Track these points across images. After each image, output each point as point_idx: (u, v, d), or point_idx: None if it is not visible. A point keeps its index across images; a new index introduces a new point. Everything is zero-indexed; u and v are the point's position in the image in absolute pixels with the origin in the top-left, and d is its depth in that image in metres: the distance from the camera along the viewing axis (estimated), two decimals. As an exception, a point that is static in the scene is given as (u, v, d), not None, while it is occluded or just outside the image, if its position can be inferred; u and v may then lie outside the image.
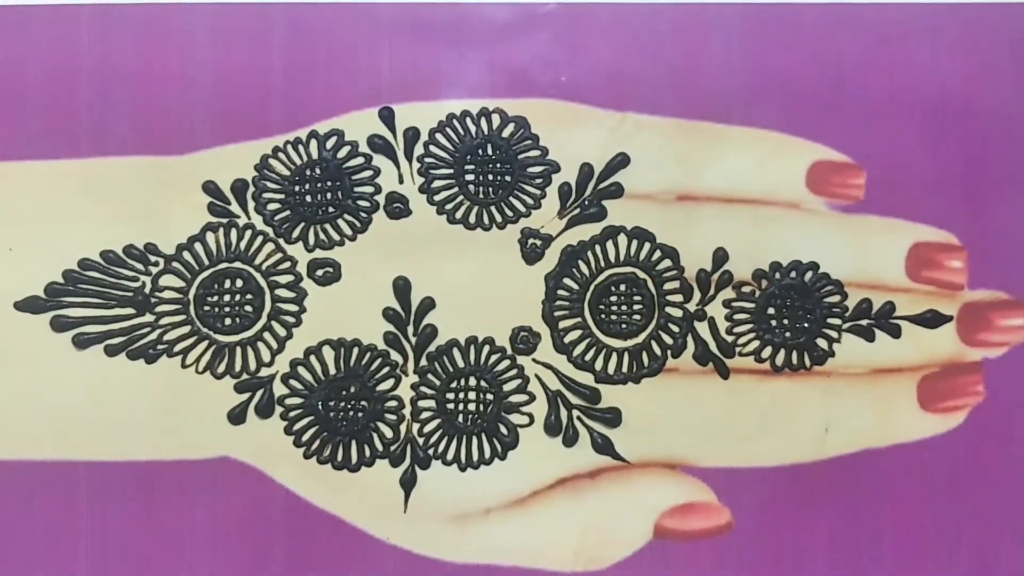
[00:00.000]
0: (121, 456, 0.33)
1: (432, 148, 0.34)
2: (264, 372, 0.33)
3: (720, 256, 0.34)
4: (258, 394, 0.33)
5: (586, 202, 0.34)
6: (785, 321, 0.34)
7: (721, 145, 0.34)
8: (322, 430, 0.33)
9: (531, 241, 0.34)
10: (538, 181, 0.34)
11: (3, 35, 0.34)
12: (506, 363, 0.34)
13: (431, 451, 0.33)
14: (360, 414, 0.33)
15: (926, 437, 0.34)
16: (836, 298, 0.34)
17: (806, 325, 0.34)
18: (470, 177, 0.34)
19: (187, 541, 0.33)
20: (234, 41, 0.34)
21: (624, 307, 0.34)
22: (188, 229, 0.34)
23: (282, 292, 0.34)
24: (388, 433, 0.33)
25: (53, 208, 0.33)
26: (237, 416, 0.33)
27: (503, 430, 0.34)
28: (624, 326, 0.34)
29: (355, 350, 0.33)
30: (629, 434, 0.34)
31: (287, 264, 0.34)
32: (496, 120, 0.34)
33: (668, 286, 0.34)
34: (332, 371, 0.33)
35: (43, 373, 0.33)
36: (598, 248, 0.34)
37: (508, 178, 0.34)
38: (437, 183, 0.34)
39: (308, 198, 0.34)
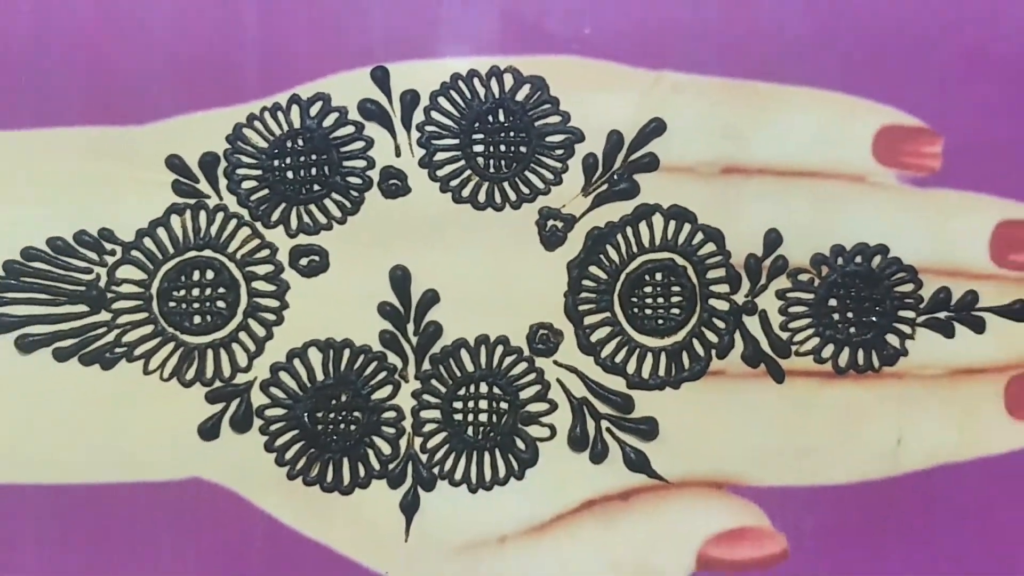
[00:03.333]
0: (74, 479, 0.32)
1: (434, 115, 0.33)
2: (240, 379, 0.32)
3: (773, 239, 0.33)
4: (233, 404, 0.32)
5: (615, 176, 0.33)
6: (849, 314, 0.33)
7: (774, 108, 0.33)
8: (309, 446, 0.32)
9: (551, 223, 0.33)
10: (559, 152, 0.33)
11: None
12: (523, 366, 0.33)
13: (436, 470, 0.32)
14: (353, 427, 0.32)
15: (1016, 449, 0.33)
16: (909, 287, 0.33)
17: (874, 319, 0.33)
18: (479, 148, 0.33)
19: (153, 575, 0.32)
20: (201, -9, 0.33)
21: (661, 299, 0.33)
22: (149, 212, 0.33)
23: (260, 285, 0.33)
24: (386, 449, 0.32)
25: (-10, 189, 0.32)
26: (209, 430, 0.32)
27: (520, 445, 0.33)
28: (661, 322, 0.33)
29: (346, 352, 0.32)
30: (667, 448, 0.33)
31: (266, 252, 0.33)
32: (509, 81, 0.33)
33: (712, 274, 0.33)
34: (319, 377, 0.32)
35: (-18, 382, 0.32)
36: (630, 230, 0.33)
37: (523, 149, 0.33)
38: (440, 156, 0.33)
39: (289, 174, 0.33)
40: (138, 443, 0.32)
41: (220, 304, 0.32)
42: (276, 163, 0.32)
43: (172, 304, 0.32)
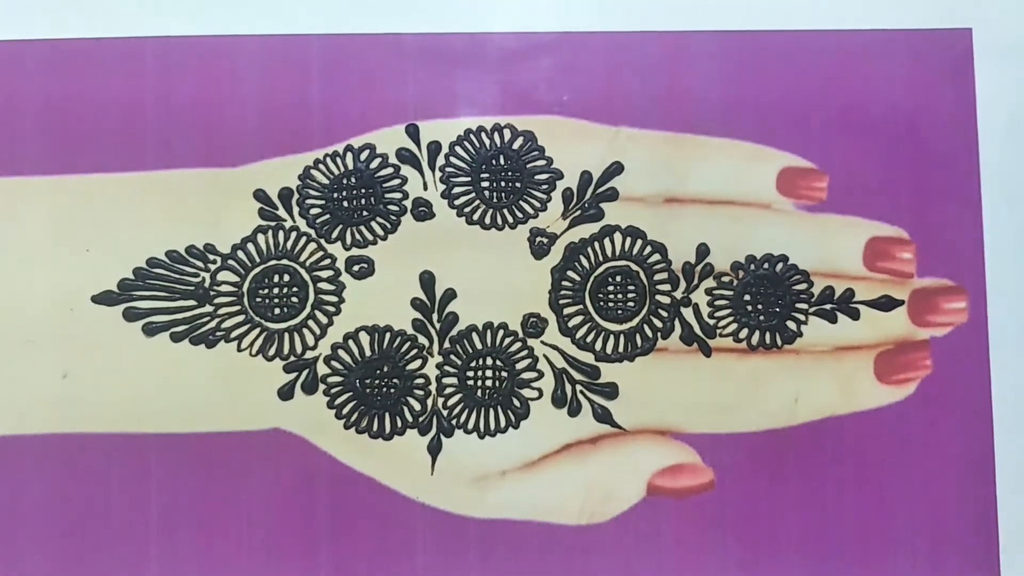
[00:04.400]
0: (187, 429, 0.35)
1: (452, 159, 0.35)
2: (309, 354, 0.35)
3: (703, 250, 0.36)
4: (304, 373, 0.35)
5: (586, 205, 0.35)
6: (759, 306, 0.36)
7: (703, 154, 0.36)
8: (359, 404, 0.35)
9: (538, 239, 0.35)
10: (544, 187, 0.35)
11: (78, 65, 0.35)
12: (518, 345, 0.35)
13: (454, 421, 0.35)
14: (392, 390, 0.35)
15: (882, 405, 0.36)
16: (803, 286, 0.36)
17: (777, 309, 0.36)
18: (485, 184, 0.35)
19: (244, 501, 0.35)
20: (279, 68, 0.36)
21: (620, 296, 0.35)
22: (242, 231, 0.35)
23: (323, 285, 0.35)
24: (416, 406, 0.35)
25: (125, 214, 0.35)
26: (286, 393, 0.35)
27: (516, 403, 0.35)
28: (620, 312, 0.35)
29: (387, 335, 0.35)
30: (625, 405, 0.35)
31: (327, 261, 0.35)
32: (507, 134, 0.36)
33: (658, 277, 0.36)
34: (368, 353, 0.35)
35: (118, 358, 0.35)
36: (597, 244, 0.35)
37: (518, 184, 0.35)
38: (457, 189, 0.35)
39: (345, 203, 0.35)
40: (234, 402, 0.34)
41: (294, 299, 0.34)
42: (335, 195, 0.35)
43: (258, 299, 0.34)
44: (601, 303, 0.35)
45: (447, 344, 0.35)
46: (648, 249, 0.36)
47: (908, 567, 0.35)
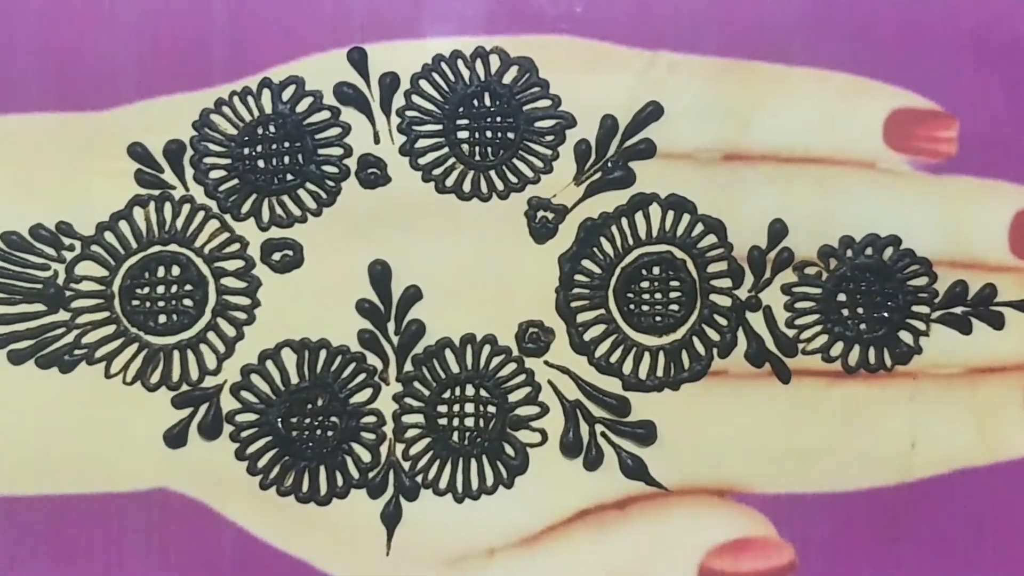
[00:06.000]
0: (32, 490, 0.32)
1: (415, 99, 0.33)
2: (209, 382, 0.32)
3: (778, 230, 0.33)
4: (202, 410, 0.32)
5: (609, 164, 0.33)
6: (860, 310, 0.33)
7: (777, 91, 0.33)
8: (283, 454, 0.32)
9: (541, 214, 0.33)
10: (549, 138, 0.33)
11: None
12: (512, 367, 0.33)
13: (419, 478, 0.32)
14: (330, 433, 0.32)
15: None
16: (923, 280, 0.33)
17: (886, 315, 0.33)
18: (463, 134, 0.33)
19: (116, 592, 0.32)
20: (166, -32, 0.33)
21: (659, 295, 0.33)
22: (111, 204, 0.33)
23: (229, 281, 0.33)
24: (365, 456, 0.32)
25: (-59, 181, 0.32)
26: (176, 437, 0.32)
27: (509, 451, 0.33)
28: (659, 319, 0.33)
29: (322, 353, 0.32)
30: (666, 454, 0.33)
31: (235, 246, 0.33)
32: (495, 62, 0.33)
33: (713, 268, 0.33)
34: (294, 380, 0.32)
35: (-67, 387, 0.32)
36: (625, 222, 0.33)
37: (511, 135, 0.33)
38: (422, 143, 0.33)
39: (260, 163, 0.33)
40: (100, 451, 0.32)
41: (187, 302, 0.32)
42: (246, 151, 0.32)
43: (135, 303, 0.32)
44: (631, 306, 0.33)
45: (409, 366, 0.33)
46: (699, 228, 0.33)
47: None
